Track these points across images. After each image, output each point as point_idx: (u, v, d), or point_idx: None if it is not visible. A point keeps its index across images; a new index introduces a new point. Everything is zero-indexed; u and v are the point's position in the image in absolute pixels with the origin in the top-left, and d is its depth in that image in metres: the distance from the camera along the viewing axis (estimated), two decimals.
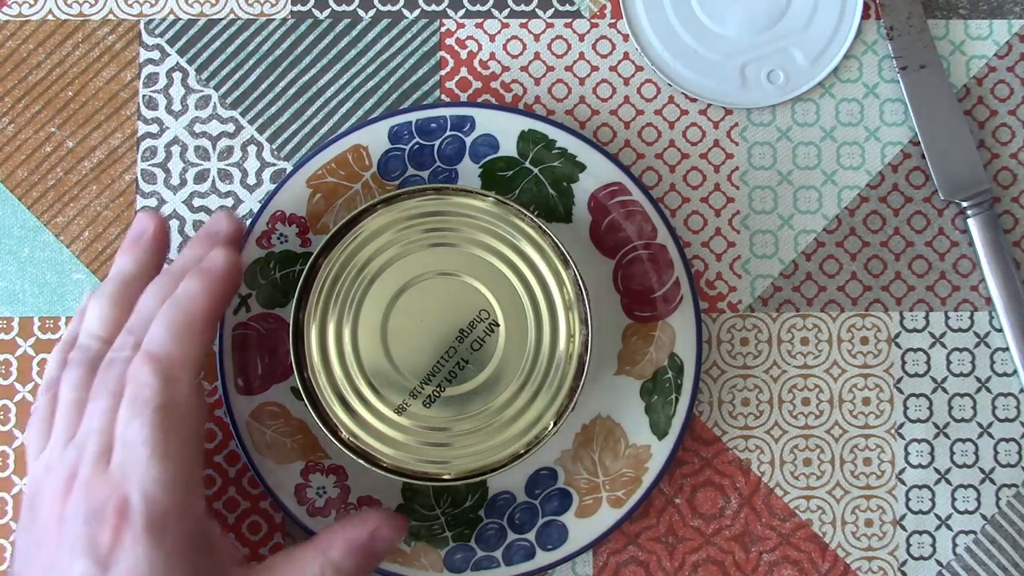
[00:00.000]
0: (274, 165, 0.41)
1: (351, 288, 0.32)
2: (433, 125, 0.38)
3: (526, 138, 0.38)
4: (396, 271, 0.32)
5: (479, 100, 0.41)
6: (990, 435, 0.40)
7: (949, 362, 0.40)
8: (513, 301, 0.32)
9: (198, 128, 0.41)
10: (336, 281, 0.32)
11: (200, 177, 0.41)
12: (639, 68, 0.41)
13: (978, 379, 0.40)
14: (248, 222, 0.39)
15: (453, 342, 0.33)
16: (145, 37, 0.41)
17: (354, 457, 0.32)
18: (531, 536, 0.38)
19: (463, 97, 0.41)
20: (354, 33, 0.41)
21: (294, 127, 0.41)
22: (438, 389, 0.32)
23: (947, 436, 0.40)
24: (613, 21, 0.41)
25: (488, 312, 0.32)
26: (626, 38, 0.41)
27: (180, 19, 0.41)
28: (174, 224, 0.41)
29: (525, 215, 0.33)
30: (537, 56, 0.41)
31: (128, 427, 0.30)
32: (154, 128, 0.41)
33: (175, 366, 0.30)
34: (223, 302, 0.32)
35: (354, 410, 0.32)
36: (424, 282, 0.32)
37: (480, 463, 0.32)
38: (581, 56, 0.41)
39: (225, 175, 0.41)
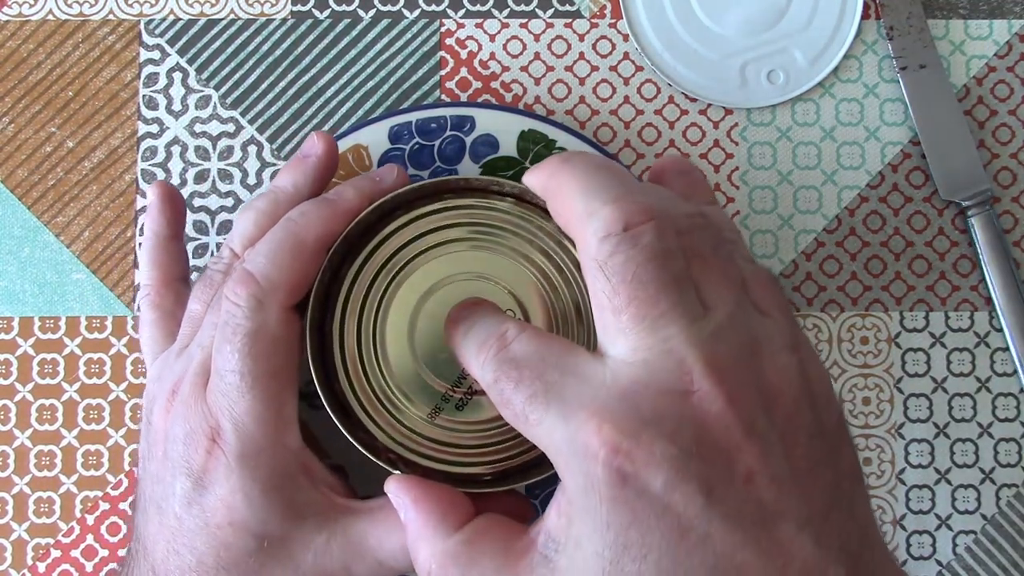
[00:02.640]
0: (274, 165, 0.41)
1: (375, 295, 0.32)
2: (433, 125, 0.38)
3: (526, 138, 0.38)
4: (419, 275, 0.32)
5: (479, 100, 0.41)
6: (990, 435, 0.40)
7: (949, 362, 0.40)
8: (538, 298, 0.32)
9: (198, 128, 0.41)
10: (358, 289, 0.32)
11: (200, 177, 0.41)
12: (639, 68, 0.41)
13: (978, 379, 0.40)
14: None
15: None
16: (145, 37, 0.41)
17: (387, 467, 0.31)
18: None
19: (463, 97, 0.41)
20: (354, 33, 0.41)
21: (294, 127, 0.41)
22: (469, 392, 0.31)
23: (947, 436, 0.40)
24: (613, 21, 0.41)
25: (514, 311, 0.32)
26: (626, 38, 0.41)
27: (180, 19, 0.41)
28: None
29: (547, 215, 0.32)
30: (537, 56, 0.41)
31: (220, 352, 0.29)
32: (154, 128, 0.41)
33: (270, 290, 0.30)
34: (336, 235, 0.31)
35: (386, 419, 0.31)
36: (448, 285, 0.32)
37: (515, 463, 0.31)
38: (581, 56, 0.41)
39: (225, 175, 0.41)
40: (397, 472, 0.30)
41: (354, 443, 0.30)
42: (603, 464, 0.23)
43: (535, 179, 0.28)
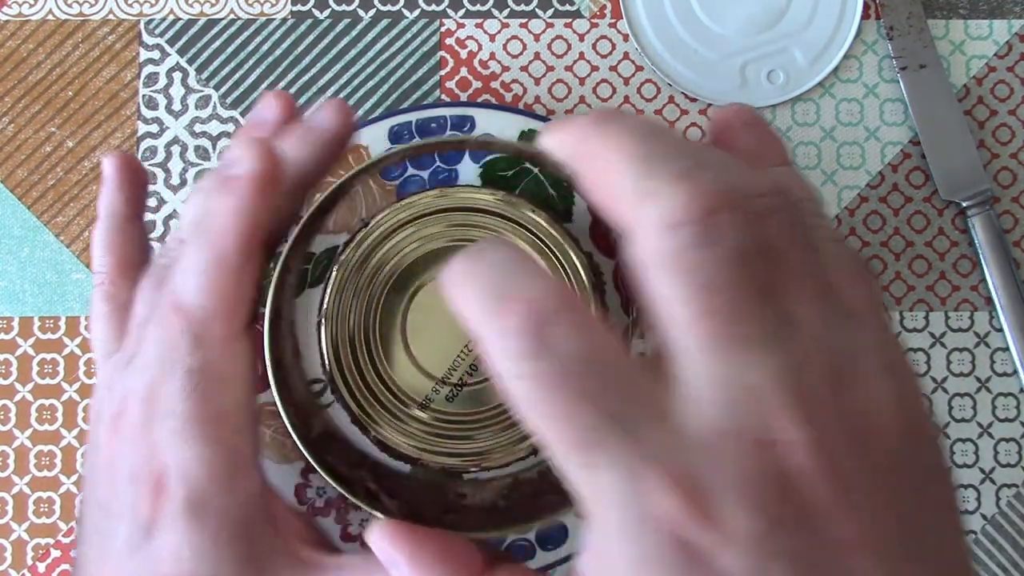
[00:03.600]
0: None
1: (367, 290, 0.32)
2: (433, 125, 0.38)
3: (526, 138, 0.38)
4: (412, 269, 0.32)
5: (479, 100, 0.41)
6: (990, 435, 0.40)
7: (949, 362, 0.40)
8: None
9: (198, 128, 0.41)
10: (352, 284, 0.32)
11: (200, 177, 0.41)
12: (639, 68, 0.41)
13: (978, 379, 0.40)
14: None
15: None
16: (145, 37, 0.41)
17: (368, 508, 0.29)
18: (531, 536, 0.38)
19: (463, 97, 0.41)
20: (354, 33, 0.41)
21: None
22: (459, 384, 0.32)
23: (947, 436, 0.40)
24: (613, 21, 0.41)
25: None
26: (626, 38, 0.41)
27: (180, 19, 0.41)
28: (173, 224, 0.41)
29: (535, 208, 0.32)
30: (537, 56, 0.41)
31: (161, 388, 0.25)
32: (154, 128, 0.41)
33: (208, 320, 0.25)
34: (267, 216, 0.26)
35: (378, 411, 0.31)
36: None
37: (507, 457, 0.31)
38: (581, 56, 0.41)
39: None
40: (378, 515, 0.27)
41: (321, 472, 0.29)
42: (669, 536, 0.18)
43: (557, 142, 0.22)
